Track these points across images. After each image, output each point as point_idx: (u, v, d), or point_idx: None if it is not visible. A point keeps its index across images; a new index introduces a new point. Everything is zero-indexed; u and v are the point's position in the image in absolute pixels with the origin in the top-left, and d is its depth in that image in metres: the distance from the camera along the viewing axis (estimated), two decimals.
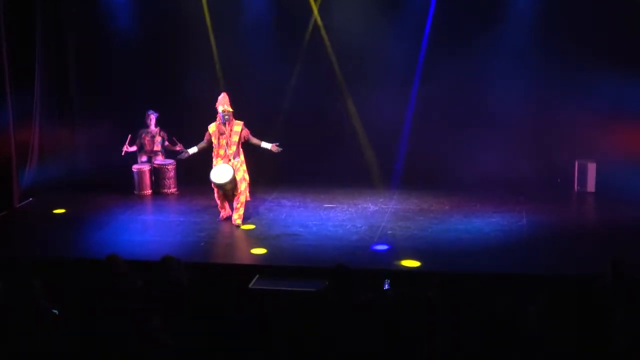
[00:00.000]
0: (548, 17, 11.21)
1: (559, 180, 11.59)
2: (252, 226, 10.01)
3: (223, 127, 9.92)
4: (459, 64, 11.26)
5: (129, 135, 11.45)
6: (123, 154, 11.43)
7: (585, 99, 11.05)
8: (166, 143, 11.79)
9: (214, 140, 9.97)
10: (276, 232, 9.82)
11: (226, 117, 9.87)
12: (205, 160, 10.49)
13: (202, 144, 10.14)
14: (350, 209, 10.76)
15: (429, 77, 11.59)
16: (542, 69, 11.33)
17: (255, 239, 9.55)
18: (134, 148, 11.61)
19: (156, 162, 11.81)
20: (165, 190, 11.73)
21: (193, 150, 10.21)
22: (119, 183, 11.78)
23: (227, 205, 10.25)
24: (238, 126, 9.96)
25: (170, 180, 11.76)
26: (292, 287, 7.70)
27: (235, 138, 9.93)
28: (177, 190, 11.81)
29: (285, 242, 9.43)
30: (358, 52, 11.85)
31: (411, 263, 8.52)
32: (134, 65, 12.21)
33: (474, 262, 8.51)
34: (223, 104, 9.95)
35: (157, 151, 11.89)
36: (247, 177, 10.13)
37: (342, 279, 5.94)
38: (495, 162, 11.34)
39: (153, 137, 11.86)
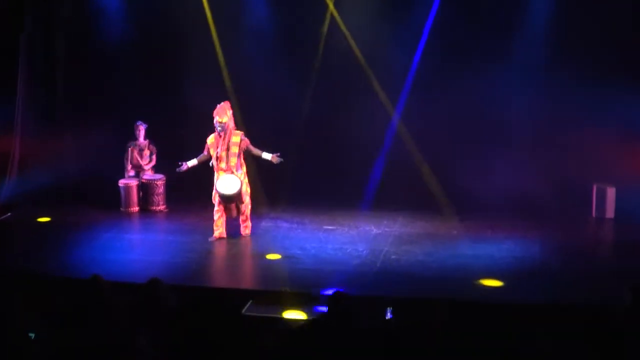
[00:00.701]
0: (564, 33, 11.30)
1: (574, 205, 11.56)
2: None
3: (222, 139, 10.03)
4: (470, 81, 11.35)
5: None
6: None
7: (605, 119, 11.05)
8: (146, 165, 11.76)
9: (213, 152, 10.07)
10: (272, 254, 9.82)
11: (219, 128, 9.98)
12: (197, 175, 10.55)
13: (202, 156, 10.24)
14: (351, 232, 10.78)
15: (437, 93, 11.66)
16: (557, 85, 11.38)
17: (249, 261, 9.56)
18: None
19: (144, 177, 11.85)
20: (154, 208, 11.76)
21: (193, 162, 10.26)
22: (106, 198, 11.83)
23: (223, 225, 10.32)
24: (237, 137, 10.06)
25: (159, 197, 11.78)
26: (288, 314, 7.70)
27: (235, 149, 10.03)
28: (167, 208, 11.84)
29: (281, 265, 9.44)
30: (364, 67, 11.96)
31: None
32: (126, 72, 12.32)
33: (484, 290, 8.52)
34: (218, 114, 10.03)
35: (145, 165, 11.94)
36: (249, 190, 10.28)
37: (342, 306, 5.96)
38: (508, 184, 11.36)
39: (142, 150, 11.92)
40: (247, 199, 10.24)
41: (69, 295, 6.95)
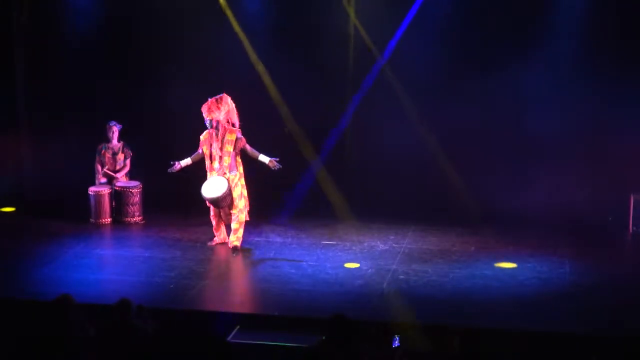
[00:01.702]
0: (600, 32, 11.37)
1: (610, 218, 11.60)
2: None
3: (215, 136, 10.17)
4: (492, 84, 11.47)
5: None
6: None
7: None
8: (119, 173, 11.80)
9: (205, 150, 10.25)
10: (262, 273, 9.81)
11: (208, 125, 10.18)
12: (178, 183, 10.54)
13: (197, 155, 10.42)
14: (353, 248, 10.77)
15: (456, 97, 11.75)
16: (589, 87, 11.44)
17: (236, 282, 9.55)
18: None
19: (118, 184, 11.83)
20: (128, 219, 11.74)
21: (186, 161, 10.43)
22: (73, 208, 11.81)
23: (223, 228, 10.53)
24: (232, 135, 10.19)
25: (135, 207, 11.77)
26: (280, 342, 7.70)
27: (229, 148, 10.17)
28: (143, 219, 11.83)
29: (273, 286, 9.42)
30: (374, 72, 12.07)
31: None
32: (94, 68, 12.36)
33: (504, 317, 8.50)
34: (207, 110, 10.18)
35: (119, 170, 11.93)
36: (245, 193, 10.36)
37: (342, 332, 5.94)
38: (533, 196, 11.39)
39: (115, 153, 11.91)
40: (241, 203, 10.33)
41: (32, 319, 6.93)
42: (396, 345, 7.06)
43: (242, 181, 10.35)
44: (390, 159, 12.05)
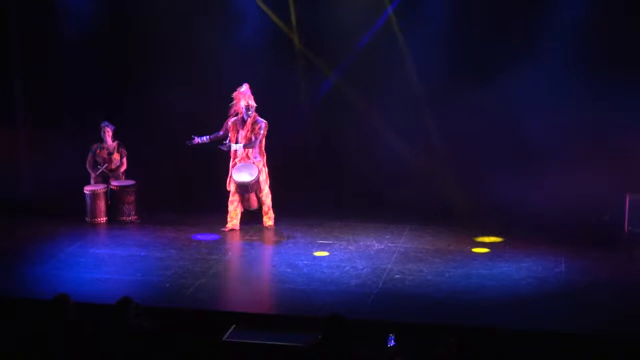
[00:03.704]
0: (593, 35, 11.44)
1: (607, 217, 11.62)
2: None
3: (243, 123, 10.92)
4: (490, 87, 11.55)
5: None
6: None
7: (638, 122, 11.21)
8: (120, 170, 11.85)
9: (232, 136, 10.92)
10: (258, 272, 9.84)
11: (249, 112, 10.83)
12: (173, 182, 10.56)
13: (217, 136, 11.07)
14: (349, 247, 10.80)
15: (455, 99, 11.84)
16: (583, 85, 11.50)
17: (232, 281, 9.58)
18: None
19: (113, 183, 11.85)
20: (124, 218, 11.78)
21: (204, 138, 11.07)
22: (68, 207, 11.85)
23: (238, 216, 11.13)
24: (260, 124, 10.89)
25: (131, 206, 11.80)
26: (276, 341, 7.72)
27: (256, 135, 10.90)
28: (139, 218, 11.85)
29: (268, 285, 9.44)
30: (368, 73, 12.14)
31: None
32: (91, 68, 12.38)
33: (500, 316, 8.53)
34: (246, 97, 10.84)
35: (115, 169, 11.95)
36: (268, 180, 11.14)
37: (338, 332, 5.98)
38: (529, 195, 11.41)
39: (110, 153, 11.93)
40: (266, 188, 11.13)
41: (27, 318, 6.96)
42: (392, 345, 7.10)
43: (266, 169, 11.13)
44: (387, 158, 12.10)
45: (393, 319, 8.41)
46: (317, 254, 10.34)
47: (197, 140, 11.10)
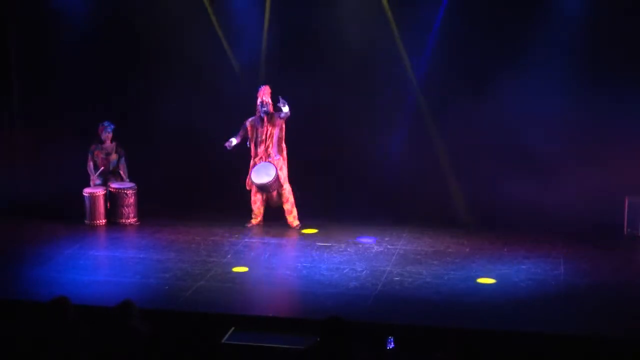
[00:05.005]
0: (594, 38, 11.45)
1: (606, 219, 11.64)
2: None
3: (261, 122, 11.14)
4: (491, 89, 11.55)
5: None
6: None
7: (638, 125, 11.22)
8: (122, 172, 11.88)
9: (251, 136, 11.11)
10: (257, 275, 9.86)
11: (264, 109, 11.07)
12: (172, 185, 10.56)
13: (241, 136, 11.32)
14: (348, 249, 10.80)
15: (454, 101, 11.88)
16: (583, 87, 11.51)
17: (232, 283, 9.59)
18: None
19: (112, 185, 11.86)
20: (123, 220, 11.78)
21: (235, 140, 11.21)
22: (67, 210, 11.87)
23: (262, 213, 11.37)
24: (279, 121, 11.08)
25: (130, 208, 11.80)
26: (275, 344, 7.73)
27: (277, 134, 11.12)
28: (138, 221, 11.86)
29: (268, 288, 9.46)
30: (372, 76, 12.15)
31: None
32: (90, 69, 12.40)
33: (499, 318, 8.55)
34: (263, 95, 11.02)
35: (113, 171, 11.96)
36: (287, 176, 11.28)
37: (337, 334, 5.99)
38: (527, 197, 11.41)
39: (108, 154, 11.94)
40: (287, 185, 11.31)
41: (26, 320, 6.97)
42: (391, 347, 7.11)
43: (286, 164, 11.28)
44: (386, 160, 12.12)
45: (392, 321, 8.42)
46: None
47: (230, 143, 11.17)
